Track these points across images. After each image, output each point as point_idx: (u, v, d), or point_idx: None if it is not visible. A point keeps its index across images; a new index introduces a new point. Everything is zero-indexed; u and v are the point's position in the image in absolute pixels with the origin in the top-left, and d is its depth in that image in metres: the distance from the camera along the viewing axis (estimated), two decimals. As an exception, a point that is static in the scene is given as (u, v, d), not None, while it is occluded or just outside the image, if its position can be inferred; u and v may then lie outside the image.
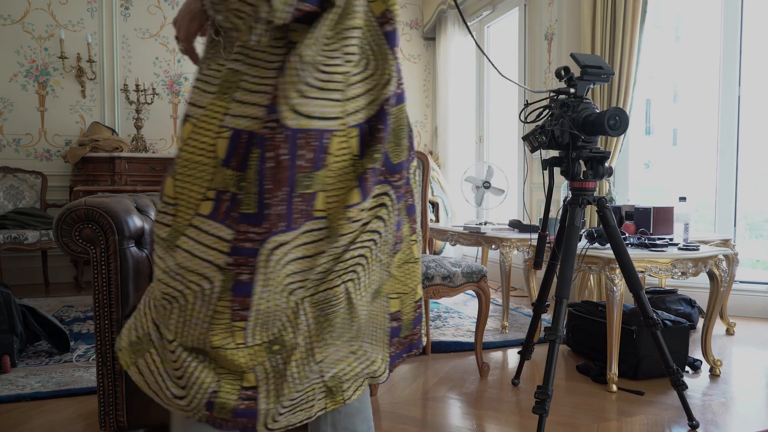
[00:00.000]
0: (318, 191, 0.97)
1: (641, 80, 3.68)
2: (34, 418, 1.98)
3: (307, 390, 1.05)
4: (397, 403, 2.12)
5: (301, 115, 0.92)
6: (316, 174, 0.95)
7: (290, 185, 0.93)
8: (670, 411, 2.04)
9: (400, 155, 1.07)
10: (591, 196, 1.93)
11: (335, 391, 1.09)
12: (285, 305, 0.99)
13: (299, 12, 0.90)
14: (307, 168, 0.94)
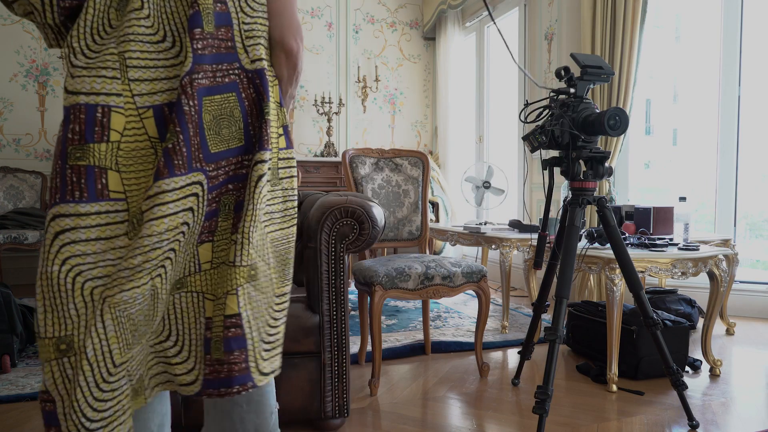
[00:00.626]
0: (103, 168, 0.99)
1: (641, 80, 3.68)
2: (34, 418, 1.98)
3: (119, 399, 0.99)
4: (397, 403, 2.12)
5: (70, 93, 0.99)
6: (88, 146, 0.98)
7: (62, 158, 0.98)
8: (670, 411, 2.04)
9: (219, 145, 1.06)
10: (591, 196, 1.93)
11: (138, 392, 1.05)
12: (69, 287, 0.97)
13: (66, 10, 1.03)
14: (76, 140, 0.98)
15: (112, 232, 0.99)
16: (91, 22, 1.02)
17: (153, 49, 1.02)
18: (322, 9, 5.69)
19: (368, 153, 2.76)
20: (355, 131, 5.85)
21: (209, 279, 1.09)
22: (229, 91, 1.07)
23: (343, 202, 1.81)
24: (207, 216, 1.07)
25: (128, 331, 1.00)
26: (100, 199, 0.99)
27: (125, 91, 1.00)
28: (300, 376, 1.79)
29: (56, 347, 0.98)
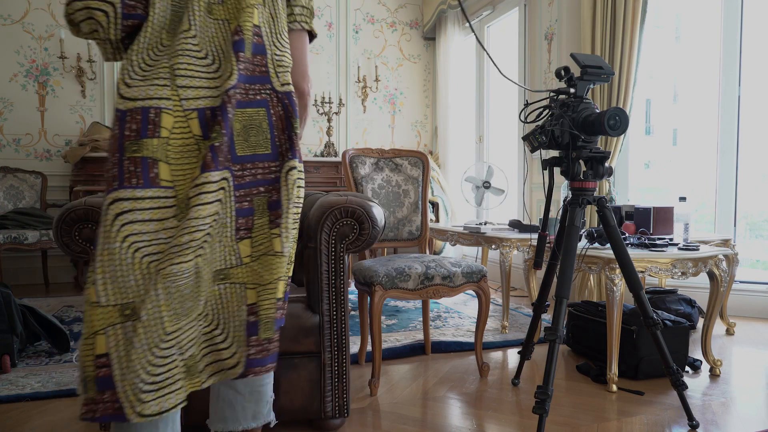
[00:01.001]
0: (155, 160, 1.17)
1: (641, 80, 3.68)
2: (34, 418, 1.98)
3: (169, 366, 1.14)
4: (397, 403, 2.12)
5: (127, 99, 1.18)
6: (143, 141, 1.17)
7: (120, 151, 1.16)
8: (670, 411, 2.04)
9: (246, 150, 1.27)
10: (591, 196, 1.93)
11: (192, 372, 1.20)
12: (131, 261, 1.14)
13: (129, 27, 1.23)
14: (133, 136, 1.16)
15: (163, 214, 1.17)
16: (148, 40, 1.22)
17: (198, 64, 1.22)
18: (322, 9, 5.69)
19: (368, 153, 2.76)
20: (355, 131, 5.85)
21: (251, 271, 1.27)
22: (260, 106, 1.28)
23: (343, 202, 1.81)
24: (243, 213, 1.26)
25: (177, 302, 1.15)
26: (152, 186, 1.16)
27: (173, 96, 1.19)
28: (300, 376, 1.79)
29: (121, 312, 1.13)
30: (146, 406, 1.10)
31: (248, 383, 1.41)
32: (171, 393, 1.14)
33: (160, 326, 1.13)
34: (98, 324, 1.11)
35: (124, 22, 1.21)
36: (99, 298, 1.12)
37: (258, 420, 1.45)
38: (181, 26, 1.22)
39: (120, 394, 1.10)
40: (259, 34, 1.28)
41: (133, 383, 1.10)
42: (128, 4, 1.21)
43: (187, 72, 1.20)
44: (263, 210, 1.28)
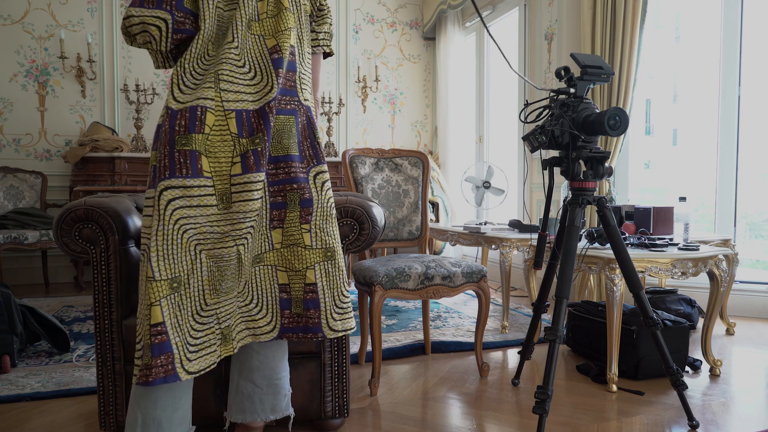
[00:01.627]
0: (200, 153, 1.35)
1: (641, 80, 3.68)
2: (34, 418, 1.98)
3: (207, 332, 1.35)
4: (397, 403, 2.12)
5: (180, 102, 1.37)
6: (190, 135, 1.34)
7: (170, 144, 1.34)
8: (670, 411, 2.04)
9: (279, 151, 1.47)
10: (591, 196, 1.93)
11: (227, 340, 1.40)
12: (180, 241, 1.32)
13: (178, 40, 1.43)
14: (182, 131, 1.34)
15: (206, 202, 1.35)
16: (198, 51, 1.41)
17: (237, 71, 1.41)
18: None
19: (368, 153, 2.76)
20: (355, 131, 5.85)
21: (281, 256, 1.49)
22: (290, 114, 1.49)
23: (343, 202, 1.81)
24: (276, 206, 1.47)
25: (216, 281, 1.36)
26: (198, 176, 1.35)
27: (216, 98, 1.38)
28: (300, 376, 1.79)
29: (170, 285, 1.31)
30: (191, 364, 1.30)
31: (266, 376, 1.57)
32: (207, 355, 1.34)
33: (201, 298, 1.34)
34: (153, 297, 1.27)
35: (174, 36, 1.41)
36: (153, 274, 1.28)
37: (276, 413, 1.61)
38: (226, 38, 1.42)
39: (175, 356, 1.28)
40: (293, 53, 1.49)
41: (183, 345, 1.30)
42: (178, 20, 1.41)
43: (229, 78, 1.39)
44: (295, 205, 1.47)
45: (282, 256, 1.49)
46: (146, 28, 1.40)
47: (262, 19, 1.47)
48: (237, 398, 1.60)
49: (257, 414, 1.59)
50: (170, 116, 1.36)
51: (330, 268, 1.51)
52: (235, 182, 1.37)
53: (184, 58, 1.40)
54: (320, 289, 1.49)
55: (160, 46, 1.42)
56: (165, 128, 1.36)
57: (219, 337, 1.38)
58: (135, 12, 1.39)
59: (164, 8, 1.39)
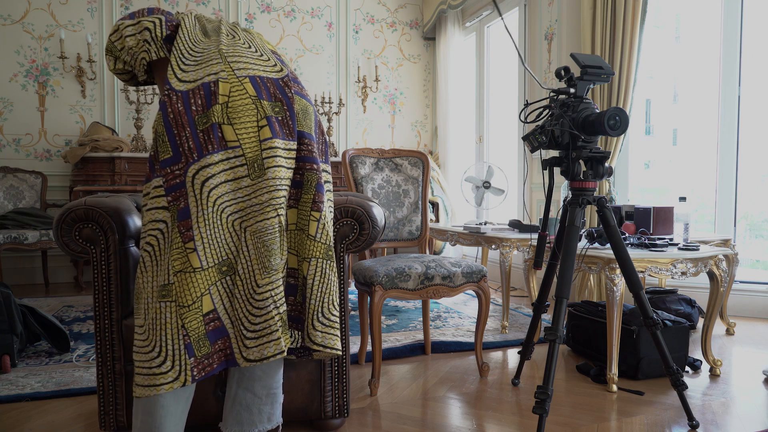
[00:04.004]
0: (220, 124, 1.29)
1: (641, 80, 3.68)
2: (34, 418, 1.98)
3: (266, 317, 1.26)
4: (397, 403, 2.12)
5: (185, 82, 1.33)
6: (209, 111, 1.30)
7: (191, 125, 1.29)
8: (670, 411, 2.04)
9: (304, 127, 1.42)
10: (591, 196, 1.93)
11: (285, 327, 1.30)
12: (220, 222, 1.27)
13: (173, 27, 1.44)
14: (201, 110, 1.30)
15: (236, 174, 1.29)
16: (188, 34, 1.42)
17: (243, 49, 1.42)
18: (322, 9, 5.69)
19: (368, 153, 2.76)
20: (355, 131, 5.85)
21: (293, 237, 1.39)
22: (309, 103, 1.47)
23: (343, 202, 1.81)
24: (293, 185, 1.39)
25: (264, 257, 1.28)
26: (221, 149, 1.29)
27: (227, 68, 1.35)
28: (300, 376, 1.79)
29: (219, 270, 1.27)
30: (250, 351, 1.24)
31: (265, 386, 1.48)
32: (270, 342, 1.26)
33: (252, 279, 1.27)
34: (203, 287, 1.24)
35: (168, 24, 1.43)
36: (201, 263, 1.24)
37: (272, 422, 1.53)
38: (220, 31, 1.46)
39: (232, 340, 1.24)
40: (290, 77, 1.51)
41: (239, 330, 1.25)
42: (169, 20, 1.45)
43: (235, 53, 1.39)
44: (311, 186, 1.39)
45: (294, 238, 1.40)
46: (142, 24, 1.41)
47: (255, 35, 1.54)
48: (234, 409, 1.49)
49: (254, 425, 1.49)
50: (182, 98, 1.30)
51: (327, 269, 1.40)
52: (266, 146, 1.31)
53: (177, 41, 1.40)
54: (309, 287, 1.37)
55: (155, 32, 1.41)
56: (178, 109, 1.30)
57: (280, 324, 1.27)
58: (127, 20, 1.43)
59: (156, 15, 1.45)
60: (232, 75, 1.34)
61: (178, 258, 1.24)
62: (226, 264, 1.27)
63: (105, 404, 1.71)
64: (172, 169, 1.28)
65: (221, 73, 1.33)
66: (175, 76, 1.34)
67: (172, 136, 1.29)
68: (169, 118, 1.29)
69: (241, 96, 1.32)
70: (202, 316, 1.23)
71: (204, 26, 1.49)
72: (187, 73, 1.34)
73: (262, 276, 1.26)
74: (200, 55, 1.38)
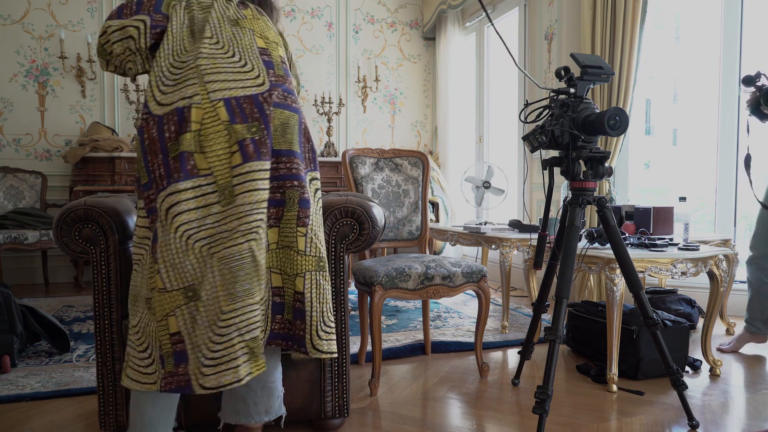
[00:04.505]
0: (191, 153, 1.29)
1: (641, 80, 3.68)
2: (34, 418, 1.98)
3: (226, 346, 1.24)
4: (397, 403, 2.12)
5: (163, 105, 1.33)
6: (180, 138, 1.30)
7: (163, 152, 1.30)
8: (670, 411, 2.04)
9: (281, 144, 1.40)
10: (591, 196, 1.93)
11: (256, 355, 1.29)
12: (185, 248, 1.27)
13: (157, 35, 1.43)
14: (173, 137, 1.30)
15: (207, 201, 1.29)
16: (172, 46, 1.39)
17: (224, 61, 1.38)
18: (322, 9, 5.69)
19: (368, 153, 2.76)
20: (355, 131, 5.85)
21: (275, 256, 1.39)
22: (294, 112, 1.45)
23: (343, 202, 1.81)
24: (274, 203, 1.38)
25: (230, 283, 1.26)
26: (192, 177, 1.28)
27: (201, 92, 1.33)
28: (300, 376, 1.79)
29: (185, 294, 1.27)
30: (207, 379, 1.23)
31: (260, 379, 1.50)
32: (228, 370, 1.24)
33: (217, 305, 1.25)
34: (168, 307, 1.27)
35: (152, 31, 1.41)
36: (164, 285, 1.27)
37: (270, 414, 1.57)
38: (204, 34, 1.40)
39: (190, 367, 1.24)
40: (285, 62, 1.51)
41: (197, 357, 1.24)
42: (156, 20, 1.42)
43: (213, 69, 1.35)
44: (294, 203, 1.39)
45: (277, 257, 1.40)
46: (126, 32, 1.41)
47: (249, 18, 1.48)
48: (231, 400, 1.56)
49: (251, 416, 1.54)
50: (157, 123, 1.32)
51: (321, 280, 1.42)
52: (237, 173, 1.30)
53: (159, 54, 1.39)
54: (308, 300, 1.39)
55: (140, 43, 1.41)
56: (152, 135, 1.32)
57: (245, 351, 1.26)
58: (114, 22, 1.42)
59: (143, 13, 1.43)
60: (206, 99, 1.33)
61: (150, 276, 1.30)
62: (191, 290, 1.27)
63: (105, 404, 1.71)
64: (148, 193, 1.33)
65: (195, 97, 1.32)
66: (154, 99, 1.35)
67: (147, 162, 1.32)
68: (145, 144, 1.33)
69: (213, 123, 1.32)
70: (169, 335, 1.27)
71: (193, 21, 1.44)
72: (166, 95, 1.34)
73: (227, 303, 1.25)
74: (179, 72, 1.36)
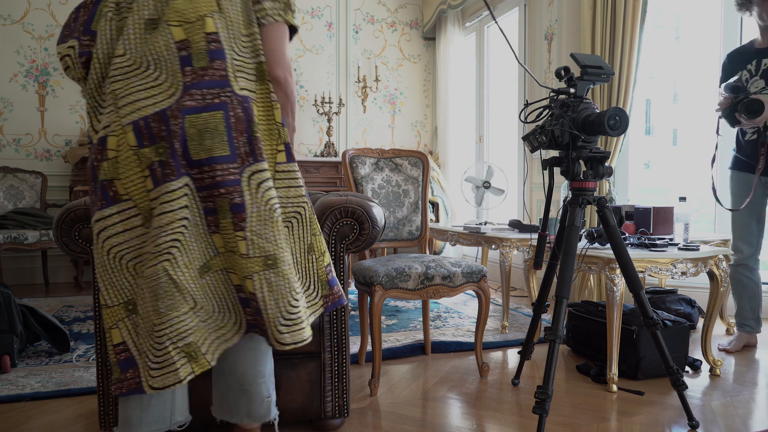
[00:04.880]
0: (112, 179, 1.34)
1: (641, 80, 3.68)
2: (34, 418, 1.98)
3: (164, 353, 1.32)
4: (397, 403, 2.12)
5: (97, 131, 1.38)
6: (101, 165, 1.34)
7: (94, 179, 1.36)
8: (670, 411, 2.04)
9: (201, 153, 1.34)
10: (591, 196, 1.93)
11: (196, 356, 1.36)
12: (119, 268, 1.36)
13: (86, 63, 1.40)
14: (98, 164, 1.35)
15: (132, 224, 1.35)
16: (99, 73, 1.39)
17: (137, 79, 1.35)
18: (322, 9, 5.69)
19: (368, 153, 2.76)
20: (355, 131, 5.85)
21: (228, 258, 1.40)
22: (217, 109, 1.35)
23: (343, 202, 1.81)
24: (209, 212, 1.37)
25: (154, 301, 1.32)
26: (115, 203, 1.34)
27: (116, 117, 1.34)
28: (300, 376, 1.79)
29: (125, 308, 1.37)
30: (154, 380, 1.32)
31: (237, 380, 1.51)
32: (170, 372, 1.32)
33: (149, 319, 1.33)
34: (111, 321, 1.36)
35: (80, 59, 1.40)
36: (106, 302, 1.37)
37: (252, 418, 1.54)
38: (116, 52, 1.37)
39: (141, 369, 1.34)
40: (216, 40, 1.36)
41: (145, 361, 1.33)
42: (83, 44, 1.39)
43: (124, 91, 1.34)
44: (225, 211, 1.36)
45: (228, 259, 1.40)
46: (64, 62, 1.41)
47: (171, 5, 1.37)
48: (216, 395, 1.59)
49: (232, 416, 1.55)
50: (91, 150, 1.39)
51: (272, 278, 1.37)
52: (152, 197, 1.33)
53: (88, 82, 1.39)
54: (261, 300, 1.37)
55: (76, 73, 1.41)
56: (90, 162, 1.38)
57: (182, 355, 1.34)
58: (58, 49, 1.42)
59: (74, 36, 1.40)
60: (118, 125, 1.33)
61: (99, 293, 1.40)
62: (131, 303, 1.37)
63: (105, 404, 1.71)
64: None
65: (112, 125, 1.34)
66: (92, 128, 1.40)
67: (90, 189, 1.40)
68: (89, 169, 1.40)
69: (125, 149, 1.33)
70: (113, 346, 1.36)
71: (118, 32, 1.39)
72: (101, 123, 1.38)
73: (156, 317, 1.32)
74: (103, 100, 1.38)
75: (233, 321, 1.44)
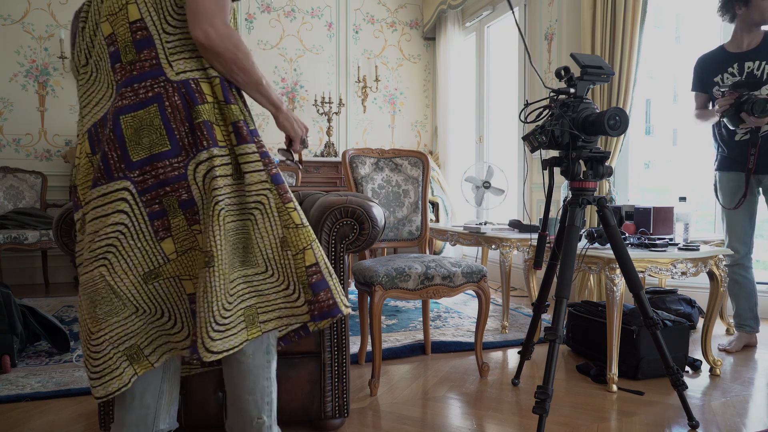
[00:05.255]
0: (76, 186, 1.34)
1: (641, 80, 3.68)
2: (34, 418, 1.98)
3: (104, 359, 1.29)
4: (397, 403, 2.12)
5: None
6: (74, 172, 1.35)
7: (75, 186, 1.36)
8: (670, 411, 2.04)
9: (141, 153, 1.25)
10: (591, 196, 1.93)
11: (138, 358, 1.33)
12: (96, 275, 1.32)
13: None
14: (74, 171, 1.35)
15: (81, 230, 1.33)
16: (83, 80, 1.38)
17: (92, 87, 1.34)
18: (322, 9, 5.69)
19: (368, 153, 2.76)
20: (355, 131, 5.85)
21: (181, 264, 1.31)
22: (151, 103, 1.25)
23: (343, 202, 1.81)
24: (156, 216, 1.27)
25: (91, 307, 1.28)
26: (78, 209, 1.33)
27: (81, 126, 1.35)
28: (300, 376, 1.79)
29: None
30: (96, 390, 1.29)
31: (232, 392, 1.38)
32: (112, 379, 1.29)
33: (86, 327, 1.30)
34: None
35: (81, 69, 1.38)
36: None
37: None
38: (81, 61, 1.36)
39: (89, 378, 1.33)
40: (142, 27, 1.25)
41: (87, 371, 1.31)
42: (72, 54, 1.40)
43: (85, 100, 1.35)
44: (175, 210, 1.27)
45: (182, 264, 1.30)
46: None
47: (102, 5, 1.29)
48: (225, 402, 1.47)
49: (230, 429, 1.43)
50: None
51: (208, 277, 1.23)
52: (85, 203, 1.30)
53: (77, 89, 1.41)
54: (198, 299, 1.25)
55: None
56: None
57: (123, 359, 1.30)
58: None
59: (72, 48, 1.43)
60: (81, 133, 1.34)
61: None
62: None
63: (105, 404, 1.71)
64: None
65: (79, 134, 1.36)
66: None
67: None
68: None
69: (83, 156, 1.33)
70: None
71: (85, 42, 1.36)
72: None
73: (93, 324, 1.28)
74: None
75: (185, 333, 1.34)
